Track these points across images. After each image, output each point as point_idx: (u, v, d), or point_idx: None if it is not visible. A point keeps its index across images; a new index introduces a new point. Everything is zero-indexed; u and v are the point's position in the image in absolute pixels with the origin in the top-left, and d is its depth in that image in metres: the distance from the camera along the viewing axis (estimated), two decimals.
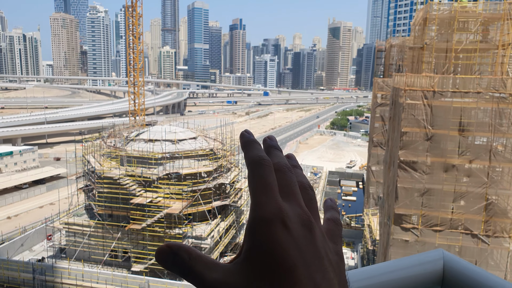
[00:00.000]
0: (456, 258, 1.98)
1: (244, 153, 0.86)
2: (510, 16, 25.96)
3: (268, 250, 0.72)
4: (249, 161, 0.83)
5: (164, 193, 42.60)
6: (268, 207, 0.76)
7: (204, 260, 0.75)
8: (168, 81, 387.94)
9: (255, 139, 0.90)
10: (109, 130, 54.84)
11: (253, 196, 0.78)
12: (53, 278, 40.81)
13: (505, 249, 27.40)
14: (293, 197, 0.82)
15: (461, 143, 27.52)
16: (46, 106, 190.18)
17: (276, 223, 0.74)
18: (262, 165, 0.82)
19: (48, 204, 67.62)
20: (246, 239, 0.76)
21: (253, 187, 0.79)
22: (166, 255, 0.74)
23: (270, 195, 0.78)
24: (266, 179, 0.80)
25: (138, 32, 72.29)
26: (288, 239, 0.74)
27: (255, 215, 0.76)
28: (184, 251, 0.74)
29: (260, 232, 0.74)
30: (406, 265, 1.92)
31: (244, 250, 0.76)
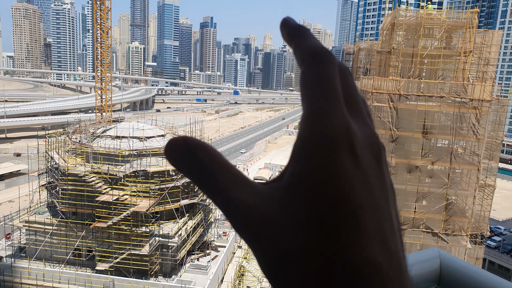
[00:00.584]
0: (452, 257, 2.00)
1: (296, 42, 0.60)
2: (472, 24, 27.19)
3: (329, 180, 0.48)
4: (308, 53, 0.57)
5: (131, 191, 41.95)
6: (334, 121, 0.51)
7: (230, 169, 0.53)
8: (136, 77, 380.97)
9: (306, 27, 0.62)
10: (75, 126, 53.41)
11: (312, 102, 0.53)
12: (12, 278, 39.39)
13: (463, 247, 28.67)
14: (359, 112, 0.58)
15: (424, 145, 28.62)
16: (5, 99, 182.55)
17: (343, 146, 0.50)
18: (327, 61, 0.56)
19: (6, 202, 65.09)
20: (295, 160, 0.52)
21: (313, 90, 0.53)
22: (179, 152, 0.53)
23: (337, 104, 0.52)
24: (332, 81, 0.54)
25: (106, 26, 70.68)
26: (356, 172, 0.50)
27: (314, 129, 0.51)
28: (204, 151, 0.53)
29: (319, 154, 0.50)
30: None
31: (289, 174, 0.52)
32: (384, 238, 0.49)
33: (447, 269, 1.96)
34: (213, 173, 0.51)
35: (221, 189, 0.51)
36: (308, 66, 0.56)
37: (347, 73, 0.59)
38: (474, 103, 26.54)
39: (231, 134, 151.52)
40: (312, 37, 0.60)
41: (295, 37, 0.61)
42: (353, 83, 0.60)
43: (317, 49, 0.57)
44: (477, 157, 27.36)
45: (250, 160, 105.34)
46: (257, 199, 0.50)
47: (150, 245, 40.26)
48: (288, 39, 0.62)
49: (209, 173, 0.51)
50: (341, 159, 0.49)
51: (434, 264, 1.96)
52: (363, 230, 0.48)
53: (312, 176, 0.49)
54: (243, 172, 0.53)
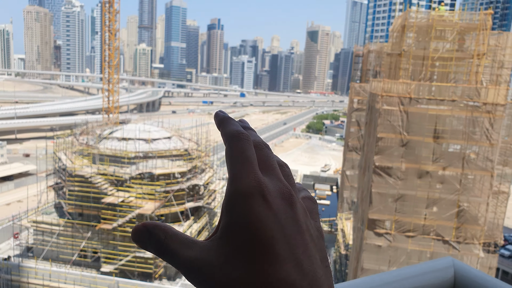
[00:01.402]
0: (467, 267, 1.95)
1: (222, 129, 0.81)
2: (486, 26, 26.56)
3: (246, 224, 0.66)
4: (227, 135, 0.77)
5: (137, 193, 41.78)
6: (246, 180, 0.69)
7: (180, 238, 0.69)
8: (143, 79, 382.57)
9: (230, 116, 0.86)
10: (82, 127, 53.43)
11: (231, 169, 0.72)
12: (19, 278, 39.37)
13: (475, 256, 27.96)
14: (272, 171, 0.76)
15: (435, 150, 27.96)
16: (16, 100, 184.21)
17: (255, 196, 0.68)
18: (241, 139, 0.75)
19: (15, 202, 65.32)
20: (223, 214, 0.70)
21: (231, 160, 0.73)
22: (142, 234, 0.69)
23: (249, 168, 0.71)
24: (245, 152, 0.73)
25: (114, 29, 70.86)
26: (267, 213, 0.67)
27: (232, 188, 0.69)
28: (159, 230, 0.69)
29: (238, 206, 0.67)
30: (417, 273, 1.89)
31: (221, 226, 0.69)
32: (297, 260, 0.65)
33: (462, 279, 1.88)
34: (166, 243, 0.67)
35: (174, 252, 0.67)
36: (228, 144, 0.76)
37: (263, 146, 0.80)
38: (487, 107, 25.89)
39: None
40: (230, 123, 0.81)
41: (221, 124, 0.82)
42: (269, 153, 0.79)
43: (234, 131, 0.77)
44: (491, 163, 26.67)
45: None
46: (200, 251, 0.67)
47: None
48: (218, 126, 0.83)
49: (164, 244, 0.67)
50: (254, 206, 0.66)
51: (448, 273, 1.90)
52: (276, 255, 0.63)
53: (234, 223, 0.66)
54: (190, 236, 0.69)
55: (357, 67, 49.89)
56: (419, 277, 1.84)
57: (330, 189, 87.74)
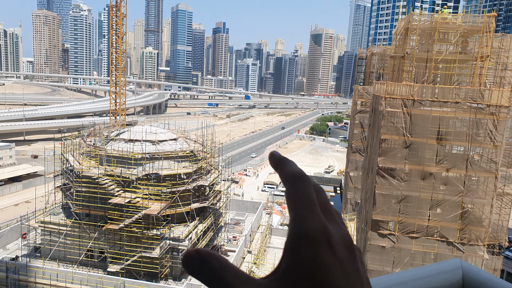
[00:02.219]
0: (475, 268, 1.96)
1: (281, 168, 0.82)
2: (489, 28, 26.72)
3: (312, 269, 0.66)
4: (290, 175, 0.79)
5: (143, 193, 42.13)
6: (313, 223, 0.70)
7: (236, 271, 0.69)
8: (149, 82, 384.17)
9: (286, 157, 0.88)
10: (89, 129, 53.99)
11: (295, 210, 0.72)
12: (26, 278, 39.81)
13: (480, 257, 27.98)
14: (332, 216, 0.78)
15: (438, 152, 28.08)
16: (25, 103, 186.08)
17: (322, 242, 0.69)
18: (305, 181, 0.78)
19: (23, 202, 66.09)
20: (287, 256, 0.70)
21: (296, 201, 0.73)
22: (194, 261, 0.69)
23: (314, 211, 0.72)
24: (310, 195, 0.75)
25: (121, 32, 71.51)
26: (333, 260, 0.68)
27: (299, 230, 0.69)
28: (214, 259, 0.69)
29: (304, 249, 0.68)
30: (425, 275, 1.90)
31: (283, 267, 0.69)
32: None
33: (470, 281, 1.89)
34: (222, 275, 0.66)
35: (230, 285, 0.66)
36: (290, 185, 0.77)
37: (320, 190, 0.81)
38: (491, 109, 26.00)
39: (241, 138, 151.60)
40: (292, 165, 0.83)
41: (279, 164, 0.84)
42: (326, 198, 0.81)
43: (297, 172, 0.79)
44: (495, 165, 26.76)
45: (260, 165, 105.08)
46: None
47: (160, 248, 40.32)
48: (275, 166, 0.85)
49: (219, 276, 0.66)
50: (321, 251, 0.67)
51: (456, 275, 1.90)
52: None
53: (299, 267, 0.66)
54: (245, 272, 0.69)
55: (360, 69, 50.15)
56: (428, 278, 1.87)
57: (334, 190, 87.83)
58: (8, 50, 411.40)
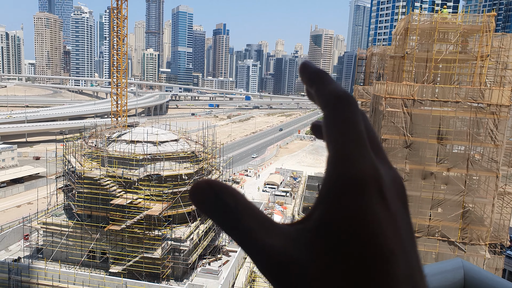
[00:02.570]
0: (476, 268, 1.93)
1: (319, 86, 0.61)
2: (489, 28, 26.79)
3: (360, 225, 0.48)
4: (331, 97, 0.58)
5: (144, 194, 42.25)
6: (362, 164, 0.52)
7: (255, 213, 0.53)
8: (150, 83, 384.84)
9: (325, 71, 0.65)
10: (91, 130, 54.16)
11: (339, 145, 0.54)
12: (29, 279, 39.93)
13: (481, 257, 28.00)
14: (381, 153, 0.60)
15: (439, 151, 28.15)
16: (27, 105, 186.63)
17: (372, 189, 0.51)
18: (352, 105, 0.57)
19: (26, 204, 66.24)
20: (323, 203, 0.51)
21: (340, 134, 0.54)
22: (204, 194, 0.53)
23: (365, 150, 0.53)
24: (358, 126, 0.55)
25: (122, 34, 71.75)
26: (386, 216, 0.50)
27: (344, 173, 0.51)
28: (229, 194, 0.53)
29: (348, 197, 0.50)
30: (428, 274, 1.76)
31: (317, 217, 0.51)
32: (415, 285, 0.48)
33: (471, 281, 1.87)
34: (238, 216, 0.51)
35: (247, 231, 0.50)
36: (333, 110, 0.56)
37: (365, 117, 0.60)
38: (491, 108, 26.05)
39: (242, 139, 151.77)
40: (333, 82, 0.60)
41: (316, 81, 0.61)
42: (372, 127, 0.61)
43: (341, 93, 0.57)
44: (496, 164, 26.80)
45: (261, 165, 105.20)
46: (283, 241, 0.50)
47: (162, 248, 40.41)
48: (309, 83, 0.62)
49: (235, 216, 0.51)
50: (371, 203, 0.49)
51: (458, 274, 1.89)
52: (394, 278, 0.46)
53: (342, 220, 0.48)
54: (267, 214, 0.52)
55: (360, 69, 50.22)
56: (429, 278, 1.78)
57: None
58: (10, 53, 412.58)
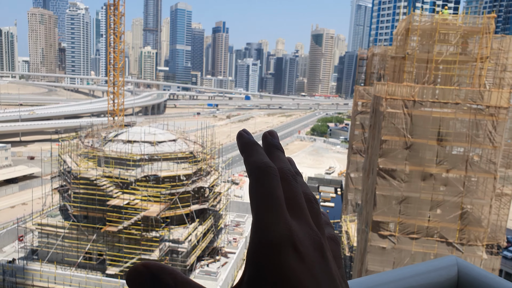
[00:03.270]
0: (470, 265, 1.96)
1: (245, 157, 0.71)
2: (489, 30, 26.66)
3: (279, 280, 0.57)
4: (252, 168, 0.68)
5: (142, 195, 41.99)
6: (276, 228, 0.60)
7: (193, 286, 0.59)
8: (148, 82, 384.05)
9: (255, 141, 0.76)
10: (87, 129, 53.82)
11: (257, 214, 0.63)
12: (23, 280, 39.64)
13: (478, 257, 27.99)
14: (300, 213, 0.67)
15: (439, 153, 28.05)
16: (21, 103, 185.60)
17: (287, 248, 0.59)
18: (269, 174, 0.66)
19: (20, 204, 65.79)
20: (250, 266, 0.60)
21: (257, 202, 0.64)
22: (143, 278, 0.56)
23: (279, 212, 0.62)
24: (274, 192, 0.64)
25: (119, 31, 71.35)
26: (302, 267, 0.59)
27: (261, 238, 0.60)
28: (168, 274, 0.57)
29: (267, 259, 0.58)
30: (421, 272, 1.89)
31: (247, 280, 0.60)
32: None
33: (465, 278, 1.90)
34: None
35: None
36: (254, 179, 0.66)
37: (290, 178, 0.70)
38: (490, 110, 25.97)
39: None
40: (258, 153, 0.70)
41: (244, 150, 0.72)
42: (296, 188, 0.70)
43: (261, 164, 0.67)
44: (494, 166, 26.73)
45: None
46: None
47: (160, 250, 40.17)
48: (241, 152, 0.73)
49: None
50: (287, 259, 0.58)
51: (452, 272, 1.92)
52: None
53: (265, 278, 0.58)
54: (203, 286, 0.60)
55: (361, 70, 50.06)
56: (423, 275, 1.85)
57: (334, 191, 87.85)
58: (3, 49, 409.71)
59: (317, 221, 0.71)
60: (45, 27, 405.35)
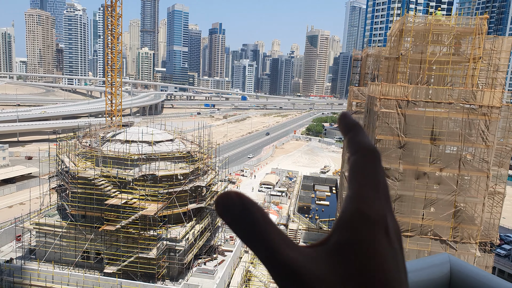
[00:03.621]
0: (462, 262, 2.02)
1: (351, 137, 0.76)
2: (481, 31, 27.12)
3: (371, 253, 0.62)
4: (361, 148, 0.73)
5: (140, 194, 42.21)
6: (375, 206, 0.66)
7: (280, 231, 0.62)
8: (145, 83, 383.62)
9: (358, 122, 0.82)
10: (85, 130, 53.99)
11: (359, 187, 0.68)
12: (21, 280, 39.73)
13: (472, 255, 28.40)
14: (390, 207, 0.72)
15: (432, 152, 28.47)
16: (18, 103, 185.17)
17: (381, 227, 0.65)
18: (377, 159, 0.72)
19: (18, 204, 65.88)
20: (339, 230, 0.64)
21: (362, 178, 0.69)
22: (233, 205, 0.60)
23: (379, 196, 0.68)
24: (378, 176, 0.71)
25: (117, 32, 71.48)
26: (389, 250, 0.65)
27: (361, 209, 0.65)
28: (257, 209, 0.61)
29: (362, 229, 0.63)
30: (414, 269, 1.92)
31: (334, 241, 0.64)
32: None
33: (457, 274, 1.96)
34: (266, 231, 0.58)
35: (272, 247, 0.58)
36: (359, 157, 0.71)
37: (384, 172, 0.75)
38: (483, 110, 26.40)
39: (238, 139, 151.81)
40: (364, 134, 0.76)
41: (350, 131, 0.76)
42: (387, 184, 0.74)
43: (372, 147, 0.73)
44: (487, 164, 27.17)
45: (257, 165, 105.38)
46: (303, 256, 0.60)
47: (157, 248, 40.43)
48: (344, 132, 0.77)
49: (262, 229, 0.58)
50: (379, 237, 0.64)
51: (444, 269, 1.98)
52: None
53: (356, 246, 0.62)
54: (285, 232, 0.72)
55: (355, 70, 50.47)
56: (417, 272, 1.89)
57: (329, 190, 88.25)
58: (0, 50, 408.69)
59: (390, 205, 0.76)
60: (43, 28, 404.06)
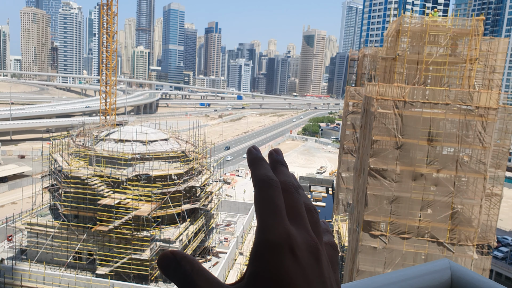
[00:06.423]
0: (463, 269, 1.96)
1: (252, 171, 0.84)
2: (478, 32, 26.92)
3: (274, 277, 0.69)
4: (257, 181, 0.80)
5: (133, 194, 41.78)
6: (276, 231, 0.72)
7: (207, 276, 0.71)
8: (140, 81, 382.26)
9: (262, 156, 0.86)
10: (79, 128, 53.44)
11: (260, 218, 0.75)
12: (12, 281, 39.20)
13: (469, 257, 28.18)
14: (300, 221, 0.79)
15: (429, 153, 28.23)
16: (12, 101, 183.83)
17: (284, 249, 0.71)
18: (271, 186, 0.78)
19: (9, 203, 65.14)
20: (251, 263, 0.73)
21: (260, 209, 0.76)
22: (169, 262, 0.71)
23: (278, 218, 0.74)
24: (275, 201, 0.76)
25: (112, 31, 70.93)
26: (296, 268, 0.70)
27: (261, 239, 0.72)
28: (187, 262, 0.72)
29: (267, 257, 0.70)
30: (414, 275, 1.89)
31: (248, 274, 0.72)
32: None
33: (458, 281, 1.89)
34: (192, 278, 0.70)
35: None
36: (256, 190, 0.79)
37: (292, 190, 0.82)
38: (480, 111, 26.21)
39: (234, 138, 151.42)
40: (263, 167, 0.83)
41: (251, 165, 0.84)
42: (297, 198, 0.82)
43: (264, 177, 0.80)
44: (484, 166, 26.97)
45: None
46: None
47: (151, 249, 40.01)
48: (249, 165, 0.85)
49: (190, 278, 0.70)
50: (283, 260, 0.70)
51: (445, 275, 1.91)
52: None
53: (263, 274, 0.70)
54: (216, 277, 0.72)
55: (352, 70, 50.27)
56: (417, 279, 1.87)
57: (325, 191, 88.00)
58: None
59: (316, 229, 0.82)
60: (38, 26, 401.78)
